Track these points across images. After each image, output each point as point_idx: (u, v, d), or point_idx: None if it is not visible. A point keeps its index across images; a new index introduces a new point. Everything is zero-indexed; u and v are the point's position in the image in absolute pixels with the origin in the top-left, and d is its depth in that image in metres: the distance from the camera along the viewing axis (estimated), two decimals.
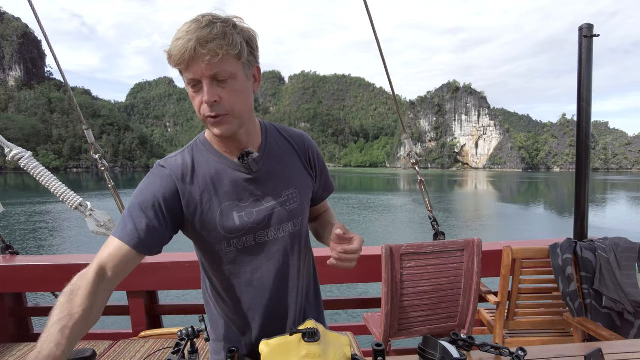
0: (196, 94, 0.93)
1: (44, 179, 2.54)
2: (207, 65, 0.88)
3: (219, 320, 1.19)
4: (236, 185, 1.05)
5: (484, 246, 2.13)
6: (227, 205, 1.04)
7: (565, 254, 2.02)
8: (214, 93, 0.91)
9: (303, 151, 1.18)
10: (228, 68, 0.91)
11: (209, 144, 1.08)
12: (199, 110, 0.94)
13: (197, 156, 1.06)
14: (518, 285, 2.14)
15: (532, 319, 2.20)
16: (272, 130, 1.16)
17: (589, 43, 2.36)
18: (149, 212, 0.96)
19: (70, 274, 0.89)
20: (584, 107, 2.40)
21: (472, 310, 2.16)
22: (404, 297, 2.10)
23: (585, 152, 2.41)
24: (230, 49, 0.89)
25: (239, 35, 0.92)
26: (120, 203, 2.71)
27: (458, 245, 2.10)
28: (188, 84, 0.93)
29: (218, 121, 0.94)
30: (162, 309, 2.63)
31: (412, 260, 2.08)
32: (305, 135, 1.22)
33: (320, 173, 1.24)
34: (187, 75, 0.91)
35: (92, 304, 0.84)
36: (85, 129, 2.46)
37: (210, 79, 0.90)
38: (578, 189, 2.44)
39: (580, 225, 2.41)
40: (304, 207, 1.16)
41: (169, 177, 1.01)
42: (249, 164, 1.04)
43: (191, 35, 0.87)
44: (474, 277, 2.12)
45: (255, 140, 1.09)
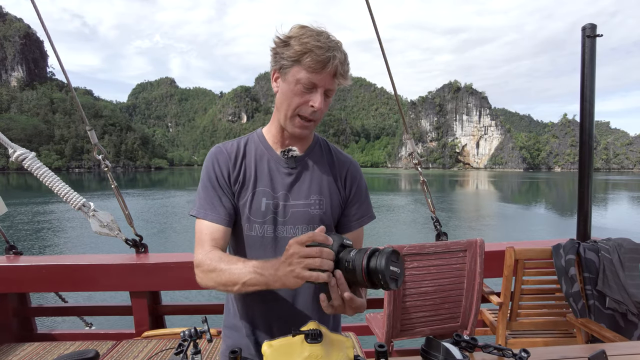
0: (304, 94, 1.06)
1: (48, 180, 2.55)
2: (332, 81, 1.05)
3: (231, 308, 1.26)
4: (273, 175, 1.18)
5: (486, 247, 2.13)
6: (260, 190, 1.15)
7: (568, 255, 2.01)
8: (322, 102, 1.06)
9: (341, 171, 1.27)
10: (335, 88, 1.09)
11: (263, 137, 1.23)
12: (296, 106, 1.08)
13: (249, 144, 1.22)
14: (520, 285, 2.13)
15: (535, 319, 2.20)
16: (324, 143, 1.30)
17: (592, 43, 2.36)
18: (219, 190, 1.14)
19: (74, 274, 0.91)
20: (586, 107, 2.39)
21: (475, 311, 2.16)
22: (407, 297, 2.10)
23: (588, 152, 2.40)
24: (349, 78, 1.09)
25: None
26: (123, 203, 2.70)
27: (460, 245, 2.10)
28: (301, 83, 1.04)
29: (308, 125, 1.11)
30: (165, 309, 2.63)
31: (415, 261, 2.08)
32: (353, 162, 1.31)
33: (353, 200, 1.27)
34: (310, 77, 1.03)
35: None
36: (89, 130, 2.46)
37: (323, 92, 1.06)
38: (581, 189, 2.44)
39: (583, 225, 2.41)
40: (327, 217, 1.20)
41: (225, 156, 1.18)
42: (288, 159, 1.19)
43: (334, 53, 1.02)
44: (477, 278, 2.12)
45: (305, 145, 1.24)
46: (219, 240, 1.12)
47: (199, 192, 1.17)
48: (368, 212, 1.30)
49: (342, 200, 1.24)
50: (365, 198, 1.29)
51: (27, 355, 2.03)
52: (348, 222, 1.26)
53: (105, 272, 2.46)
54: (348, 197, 1.26)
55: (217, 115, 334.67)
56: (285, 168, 1.19)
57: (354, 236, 1.28)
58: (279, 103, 1.13)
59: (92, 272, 2.45)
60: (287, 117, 1.11)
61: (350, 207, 1.26)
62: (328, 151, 1.29)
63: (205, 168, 1.19)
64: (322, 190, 1.20)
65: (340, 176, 1.26)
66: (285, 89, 1.09)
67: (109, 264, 2.46)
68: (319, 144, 1.28)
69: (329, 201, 1.20)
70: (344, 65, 1.05)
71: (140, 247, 2.66)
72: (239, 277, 0.97)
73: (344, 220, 1.26)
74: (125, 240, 2.65)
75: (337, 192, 1.23)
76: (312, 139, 1.27)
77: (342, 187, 1.25)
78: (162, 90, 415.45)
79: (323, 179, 1.22)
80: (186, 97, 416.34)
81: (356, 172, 1.29)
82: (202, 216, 1.13)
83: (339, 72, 1.04)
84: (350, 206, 1.26)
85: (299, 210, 1.16)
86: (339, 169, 1.26)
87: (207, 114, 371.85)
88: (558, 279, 2.05)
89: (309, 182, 1.20)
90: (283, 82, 1.09)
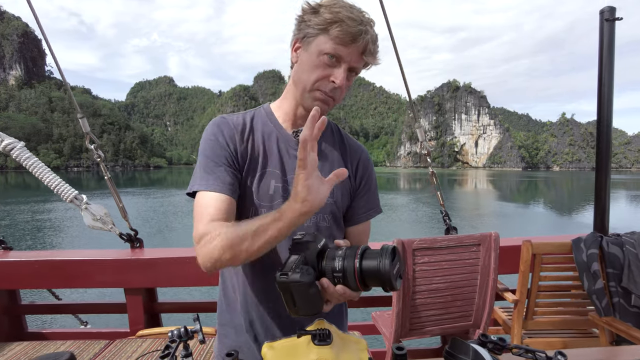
0: (326, 68, 0.95)
1: (38, 171, 2.43)
2: (359, 58, 0.95)
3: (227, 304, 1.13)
4: (283, 155, 1.07)
5: (501, 241, 2.01)
6: (269, 172, 1.04)
7: (590, 249, 1.89)
8: (344, 79, 0.96)
9: (352, 159, 1.17)
10: (361, 67, 0.99)
11: (272, 113, 1.11)
12: (316, 80, 0.96)
13: (256, 119, 1.10)
14: (538, 282, 2.01)
15: (552, 318, 2.08)
16: (335, 128, 1.19)
17: (610, 27, 2.24)
18: (224, 162, 1.01)
19: (66, 270, 0.80)
20: (605, 96, 2.27)
21: (489, 308, 2.04)
22: (416, 294, 1.99)
23: (606, 142, 2.28)
24: (377, 59, 0.99)
25: None
26: (117, 196, 2.59)
27: (474, 239, 1.99)
28: (325, 53, 0.94)
29: (327, 102, 0.99)
30: (161, 307, 2.53)
31: (425, 256, 1.97)
32: (364, 150, 1.22)
33: (363, 191, 1.17)
34: (336, 48, 0.93)
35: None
36: (80, 117, 2.35)
37: (349, 68, 0.96)
38: (598, 181, 2.32)
39: (600, 219, 2.29)
40: (337, 207, 1.10)
41: (231, 128, 1.05)
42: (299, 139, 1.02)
43: (366, 28, 0.93)
44: (491, 274, 2.00)
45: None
46: (225, 212, 0.95)
47: (199, 164, 1.02)
48: (376, 205, 1.20)
49: (351, 190, 1.14)
50: (374, 189, 1.20)
51: (15, 355, 1.92)
52: (355, 214, 1.16)
53: (99, 267, 2.35)
54: (358, 187, 1.16)
55: (215, 114, 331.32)
56: (296, 150, 1.04)
57: (360, 230, 1.18)
58: (296, 76, 1.01)
59: (85, 268, 2.35)
60: (306, 90, 0.99)
61: (359, 198, 1.16)
62: (340, 136, 1.18)
63: (207, 140, 1.04)
64: None
65: (352, 164, 1.15)
66: (306, 60, 0.97)
67: (102, 259, 2.35)
68: (331, 127, 1.17)
69: (339, 189, 1.10)
70: (374, 44, 0.95)
71: (135, 241, 2.56)
72: (247, 228, 0.84)
73: (351, 212, 1.16)
74: (120, 235, 2.55)
75: (348, 180, 1.13)
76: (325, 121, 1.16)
77: (353, 175, 1.15)
78: (160, 89, 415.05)
79: (335, 165, 1.11)
80: (185, 96, 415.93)
81: (367, 162, 1.19)
82: (205, 188, 0.97)
83: (368, 49, 0.94)
84: (359, 197, 1.16)
85: None
86: (350, 156, 1.16)
87: (205, 112, 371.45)
88: (579, 275, 1.93)
89: (320, 167, 1.06)
90: (305, 52, 0.98)
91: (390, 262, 0.70)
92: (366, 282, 0.73)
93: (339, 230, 1.13)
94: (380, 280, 0.71)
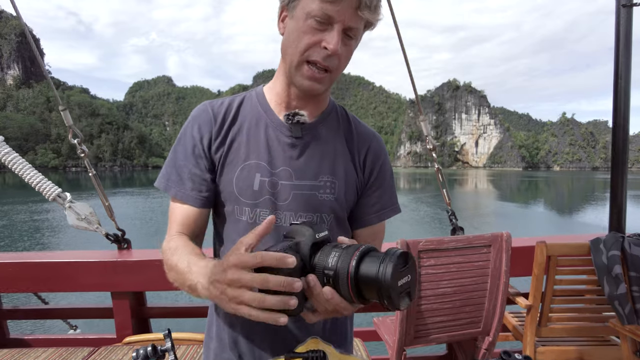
0: (316, 32, 0.79)
1: (17, 167, 2.29)
2: (354, 16, 0.78)
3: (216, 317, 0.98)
4: (272, 145, 0.91)
5: (512, 242, 1.87)
6: (253, 163, 0.89)
7: (611, 251, 1.75)
8: (338, 43, 0.78)
9: (361, 147, 0.98)
10: (361, 28, 0.82)
11: (263, 96, 0.97)
12: (305, 48, 0.80)
13: (245, 103, 0.96)
14: (552, 286, 1.87)
15: (568, 325, 1.93)
16: (341, 111, 1.02)
17: (628, 13, 2.09)
18: (191, 160, 0.91)
19: (48, 272, 0.66)
20: (621, 87, 2.13)
21: (499, 314, 1.91)
22: (422, 300, 1.85)
23: (623, 137, 2.14)
24: (379, 14, 0.81)
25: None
26: (103, 194, 2.46)
27: (484, 240, 1.85)
28: (313, 16, 0.78)
29: (320, 76, 0.83)
30: (150, 312, 2.40)
31: (432, 258, 1.83)
32: (376, 136, 1.03)
33: (374, 186, 0.99)
34: (324, 7, 0.76)
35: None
36: (62, 110, 2.20)
37: (343, 29, 0.79)
38: (614, 178, 2.18)
39: (616, 218, 2.15)
40: (339, 206, 0.93)
41: (209, 117, 0.93)
42: (293, 125, 0.91)
43: None
44: (502, 277, 1.86)
45: (318, 109, 0.96)
46: (189, 224, 0.90)
47: (171, 157, 0.93)
48: (392, 203, 1.01)
49: (359, 185, 0.97)
50: (389, 184, 1.01)
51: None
52: (365, 214, 0.98)
53: (84, 270, 2.22)
54: (368, 181, 0.98)
55: None
56: (288, 137, 0.91)
57: (372, 233, 1.00)
58: (283, 48, 0.86)
59: (69, 271, 2.21)
60: (294, 64, 0.83)
61: (369, 195, 0.98)
62: (346, 120, 1.00)
63: (182, 130, 0.94)
64: (336, 170, 0.92)
65: (359, 153, 0.97)
66: (292, 28, 0.82)
67: (87, 261, 2.22)
68: (336, 110, 1.00)
69: (343, 185, 0.93)
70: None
71: (122, 242, 2.42)
72: (184, 278, 0.76)
73: (361, 212, 0.98)
74: (106, 235, 2.42)
75: (354, 173, 0.96)
76: (326, 103, 0.98)
77: (361, 167, 0.97)
78: (159, 89, 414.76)
79: (337, 155, 0.94)
80: (183, 96, 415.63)
81: (380, 150, 1.01)
82: (164, 187, 0.91)
83: (363, 1, 0.76)
84: (370, 193, 0.98)
85: (303, 194, 0.90)
86: (358, 143, 0.98)
87: None
88: (598, 279, 1.79)
89: (319, 158, 0.92)
90: (291, 19, 0.83)
91: (395, 271, 0.54)
92: (361, 291, 0.57)
93: (342, 233, 0.96)
94: (378, 292, 0.55)
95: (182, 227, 0.90)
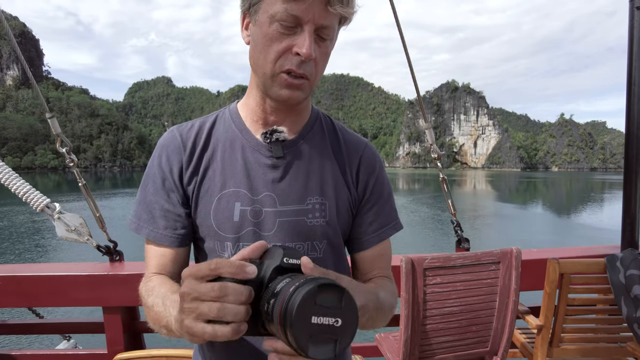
0: (284, 37, 0.70)
1: (3, 177, 2.19)
2: (324, 12, 0.68)
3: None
4: (250, 168, 0.81)
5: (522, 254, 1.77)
6: (231, 192, 0.80)
7: (629, 270, 1.65)
8: (311, 46, 0.69)
9: (351, 160, 0.88)
10: (335, 26, 0.73)
11: (237, 114, 0.87)
12: (276, 57, 0.71)
13: (218, 124, 0.86)
14: (565, 305, 1.77)
15: (581, 345, 1.84)
16: (326, 121, 0.91)
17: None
18: (162, 195, 0.82)
19: (40, 286, 0.58)
20: (635, 93, 2.04)
21: (508, 334, 1.81)
22: (427, 319, 1.75)
23: (636, 145, 2.05)
24: (353, 7, 0.71)
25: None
26: (94, 204, 2.35)
27: (493, 257, 1.75)
28: (278, 20, 0.68)
29: (298, 83, 0.73)
30: (143, 326, 2.30)
31: (438, 276, 1.73)
32: (366, 145, 0.92)
33: (370, 202, 0.88)
34: (288, 7, 0.67)
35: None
36: (49, 118, 2.11)
37: (315, 29, 0.70)
38: (627, 189, 2.09)
39: (630, 232, 2.06)
40: (331, 229, 0.83)
41: (178, 144, 0.83)
42: (272, 144, 0.81)
43: None
44: (511, 295, 1.77)
45: (299, 123, 0.86)
46: (165, 264, 0.82)
47: (137, 194, 0.85)
48: (392, 218, 0.90)
49: (353, 203, 0.86)
50: (387, 198, 0.90)
51: None
52: (364, 234, 0.87)
53: (73, 283, 2.12)
54: (362, 197, 0.88)
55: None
56: (268, 158, 0.81)
57: (375, 255, 0.88)
58: (253, 59, 0.76)
59: (57, 284, 2.11)
60: (267, 75, 0.73)
61: (366, 213, 0.87)
62: (332, 131, 0.90)
63: (150, 162, 0.85)
64: (325, 189, 0.82)
65: (351, 166, 0.87)
66: (257, 35, 0.72)
67: (76, 274, 2.12)
68: (320, 120, 0.89)
69: (334, 205, 0.83)
70: None
71: (114, 254, 2.32)
72: (159, 317, 0.69)
73: (358, 233, 0.87)
74: (97, 247, 2.32)
75: (347, 190, 0.85)
76: (308, 114, 0.88)
77: (354, 182, 0.87)
78: (158, 89, 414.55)
79: (326, 172, 0.84)
80: (183, 96, 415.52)
81: (374, 159, 0.90)
82: (135, 229, 0.83)
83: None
84: (367, 211, 0.88)
85: (290, 221, 0.80)
86: (348, 155, 0.87)
87: (203, 113, 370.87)
88: (615, 299, 1.69)
89: (305, 178, 0.82)
90: (254, 26, 0.73)
91: (308, 301, 0.43)
92: (285, 329, 0.45)
93: (338, 261, 0.86)
94: (281, 326, 0.45)
95: (159, 268, 0.82)
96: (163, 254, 0.82)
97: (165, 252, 0.82)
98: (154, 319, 0.71)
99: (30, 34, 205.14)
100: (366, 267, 0.89)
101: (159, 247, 0.82)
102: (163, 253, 0.82)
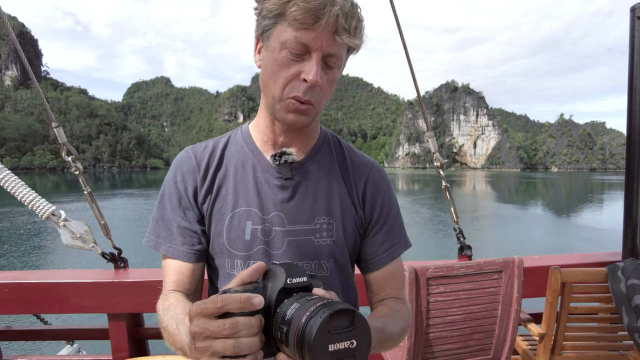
0: (293, 64, 0.73)
1: (9, 185, 2.20)
2: (332, 41, 0.71)
3: None
4: (261, 188, 0.85)
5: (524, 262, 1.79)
6: (242, 211, 0.83)
7: (630, 279, 1.67)
8: (318, 74, 0.72)
9: (358, 181, 0.91)
10: (343, 55, 0.76)
11: (249, 135, 0.90)
12: (284, 83, 0.74)
13: (230, 145, 0.90)
14: (567, 314, 1.79)
15: (583, 353, 1.86)
16: (335, 141, 0.95)
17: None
18: (178, 213, 0.85)
19: (45, 293, 0.60)
20: (636, 102, 2.06)
21: (510, 342, 1.83)
22: (430, 328, 1.77)
23: (638, 152, 2.06)
24: (360, 38, 0.74)
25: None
26: (99, 211, 2.36)
27: (495, 266, 1.77)
28: (287, 47, 0.72)
29: (304, 109, 0.76)
30: (148, 333, 2.31)
31: (441, 285, 1.76)
32: (375, 166, 0.95)
33: (379, 223, 0.90)
34: (297, 35, 0.70)
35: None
36: (55, 127, 2.11)
37: (322, 57, 0.73)
38: (628, 195, 2.10)
39: (631, 240, 2.07)
40: (339, 249, 0.86)
41: (193, 165, 0.87)
42: (281, 166, 0.85)
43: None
44: (514, 304, 1.79)
45: (308, 144, 0.90)
46: (182, 280, 0.85)
47: (154, 212, 0.88)
48: (401, 237, 0.92)
49: (360, 223, 0.89)
50: (396, 217, 0.92)
51: None
52: (375, 254, 0.90)
53: (78, 291, 2.13)
54: (370, 219, 0.90)
55: (213, 115, 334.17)
56: (278, 179, 0.85)
57: (387, 274, 0.90)
58: (263, 82, 0.79)
59: (62, 292, 2.13)
60: (276, 99, 0.77)
61: (375, 234, 0.90)
62: (340, 151, 0.93)
63: (166, 181, 0.89)
64: (332, 210, 0.85)
65: (357, 187, 0.90)
66: (268, 60, 0.75)
67: (81, 281, 2.13)
68: (328, 142, 0.93)
69: (340, 225, 0.85)
70: (349, 18, 0.71)
71: (119, 261, 2.33)
72: (175, 340, 0.72)
73: (369, 254, 0.90)
74: (102, 254, 2.32)
75: (353, 210, 0.88)
76: (317, 135, 0.91)
77: (360, 204, 0.89)
78: (157, 90, 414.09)
79: (333, 193, 0.87)
80: (182, 97, 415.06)
81: (381, 181, 0.93)
82: (154, 245, 0.86)
83: (341, 25, 0.69)
84: (376, 232, 0.90)
85: (298, 240, 0.83)
86: (354, 177, 0.90)
87: (202, 113, 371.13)
88: (617, 308, 1.71)
89: (313, 199, 0.85)
90: (266, 51, 0.76)
91: (322, 330, 0.44)
92: (303, 354, 0.46)
93: (344, 279, 0.89)
94: (299, 353, 0.46)
95: (176, 284, 0.85)
96: (180, 271, 0.84)
97: (182, 268, 0.85)
98: (170, 340, 0.74)
99: (29, 34, 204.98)
100: (378, 287, 0.91)
101: (176, 263, 0.85)
102: (180, 269, 0.84)
